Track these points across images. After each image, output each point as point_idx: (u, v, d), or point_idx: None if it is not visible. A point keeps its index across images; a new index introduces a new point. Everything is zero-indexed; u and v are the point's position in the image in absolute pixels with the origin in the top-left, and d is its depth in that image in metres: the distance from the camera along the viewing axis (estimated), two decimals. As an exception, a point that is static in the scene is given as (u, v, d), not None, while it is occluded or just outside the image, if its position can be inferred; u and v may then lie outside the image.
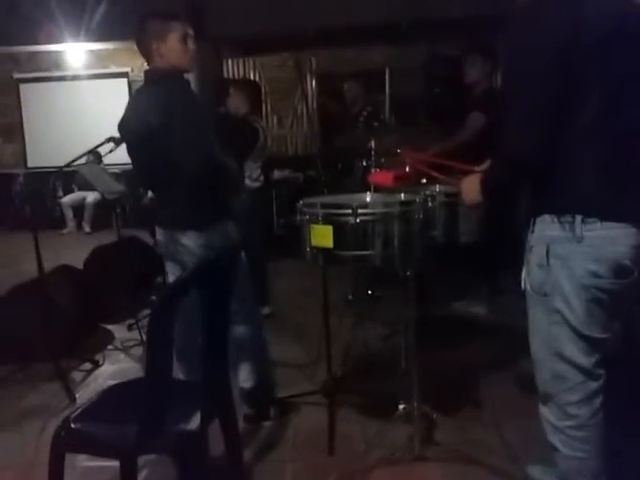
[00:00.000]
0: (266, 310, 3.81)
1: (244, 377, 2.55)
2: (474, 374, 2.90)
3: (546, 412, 1.67)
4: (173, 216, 2.31)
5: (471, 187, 1.75)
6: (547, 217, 1.55)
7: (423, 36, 7.08)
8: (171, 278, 2.48)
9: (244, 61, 8.24)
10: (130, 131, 2.29)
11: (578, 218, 1.48)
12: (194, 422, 1.65)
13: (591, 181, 1.49)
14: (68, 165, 3.18)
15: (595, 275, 1.49)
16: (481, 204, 1.77)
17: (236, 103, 3.82)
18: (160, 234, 2.42)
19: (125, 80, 8.80)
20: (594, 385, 1.59)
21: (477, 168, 1.90)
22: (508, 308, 3.64)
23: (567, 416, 1.61)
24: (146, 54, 2.27)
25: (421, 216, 1.91)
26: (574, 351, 1.56)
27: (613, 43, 1.45)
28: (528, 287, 1.64)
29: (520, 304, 1.84)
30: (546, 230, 1.55)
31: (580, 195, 1.49)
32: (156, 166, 2.25)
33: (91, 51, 8.68)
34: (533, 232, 1.61)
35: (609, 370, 1.63)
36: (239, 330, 2.46)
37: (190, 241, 2.26)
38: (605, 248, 1.48)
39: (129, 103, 2.36)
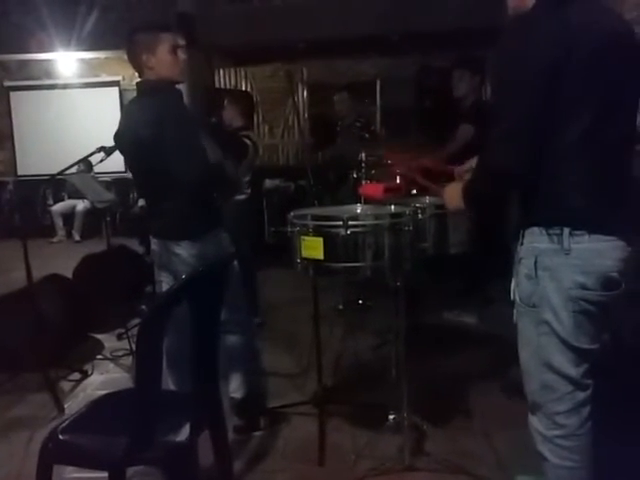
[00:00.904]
0: (257, 320, 3.80)
1: (235, 387, 2.55)
2: (464, 384, 2.91)
3: (535, 422, 1.68)
4: (167, 226, 2.32)
5: (453, 194, 1.78)
6: (536, 229, 1.57)
7: (414, 48, 7.15)
8: (164, 288, 2.47)
9: (236, 71, 8.27)
10: (125, 143, 2.31)
11: (566, 231, 1.49)
12: (183, 433, 1.65)
13: (579, 194, 1.50)
14: (59, 174, 3.17)
15: (583, 287, 1.51)
16: (464, 211, 1.81)
17: (231, 115, 3.81)
18: (154, 244, 2.42)
19: (116, 89, 8.79)
20: (582, 395, 1.60)
21: (457, 168, 1.94)
22: (498, 318, 3.66)
23: (556, 425, 1.62)
24: (137, 66, 2.28)
25: (411, 228, 1.93)
26: (562, 362, 1.57)
27: (601, 59, 1.46)
28: (517, 298, 1.65)
29: (510, 313, 1.86)
30: (535, 242, 1.57)
31: (568, 208, 1.50)
32: (150, 177, 2.27)
33: (82, 60, 8.68)
34: (522, 244, 1.62)
35: (597, 380, 1.64)
36: (231, 340, 2.47)
37: (184, 251, 2.27)
38: (593, 261, 1.50)
39: (123, 115, 2.39)
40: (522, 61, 1.48)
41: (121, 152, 2.42)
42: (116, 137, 2.37)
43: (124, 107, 2.40)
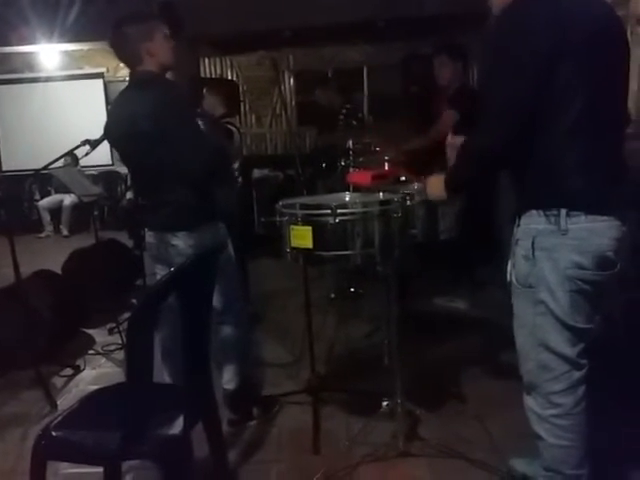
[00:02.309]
0: (248, 310, 3.79)
1: (228, 379, 2.54)
2: (457, 369, 2.93)
3: (530, 402, 1.71)
4: (164, 218, 2.29)
5: (435, 184, 1.82)
6: (533, 212, 1.59)
7: (401, 34, 7.12)
8: None
9: (221, 60, 8.20)
10: (122, 135, 2.24)
11: (563, 212, 1.52)
12: (177, 426, 1.64)
13: (575, 176, 1.53)
14: (44, 168, 3.14)
15: (579, 267, 1.53)
16: (447, 200, 1.86)
17: (211, 104, 3.77)
18: (149, 236, 2.40)
19: (100, 81, 8.68)
20: (578, 374, 1.63)
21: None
22: (489, 302, 3.68)
23: (551, 405, 1.64)
24: (132, 57, 2.22)
25: (400, 214, 1.92)
26: (559, 341, 1.60)
27: (593, 42, 1.49)
28: (513, 279, 1.67)
29: (501, 298, 1.87)
30: (532, 223, 1.59)
31: (565, 190, 1.53)
32: (149, 169, 2.23)
33: (65, 52, 8.56)
34: (519, 226, 1.65)
35: (591, 360, 1.66)
36: (226, 331, 2.46)
37: (180, 242, 2.25)
38: (589, 240, 1.52)
39: (118, 106, 2.32)
40: (514, 45, 1.49)
41: (113, 144, 2.38)
42: (109, 129, 2.32)
43: (117, 98, 2.34)
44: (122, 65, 2.29)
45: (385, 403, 2.34)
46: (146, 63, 2.22)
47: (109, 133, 2.34)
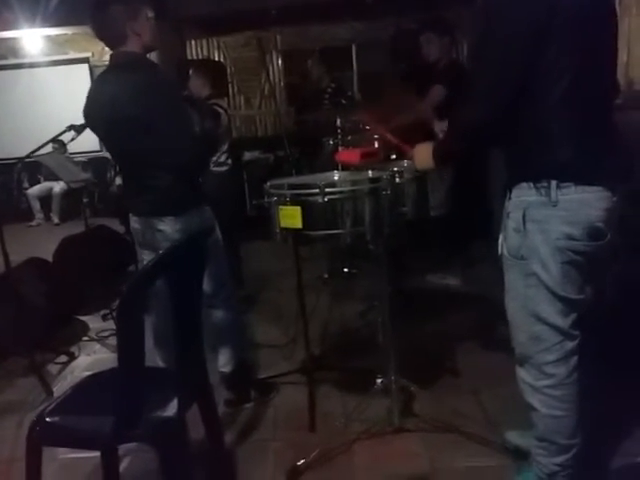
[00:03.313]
0: (242, 292, 3.80)
1: (223, 361, 2.55)
2: (450, 344, 2.95)
3: (523, 373, 1.72)
4: (150, 203, 2.26)
5: (423, 154, 1.82)
6: (524, 184, 1.59)
7: (389, 10, 7.03)
8: None
9: (207, 41, 8.09)
10: (104, 119, 2.19)
11: (553, 183, 1.52)
12: (171, 409, 1.65)
13: (565, 147, 1.53)
14: (29, 155, 3.10)
15: (570, 237, 1.54)
16: (434, 170, 1.87)
17: (197, 85, 3.74)
18: (135, 222, 2.37)
19: (86, 66, 8.56)
20: (570, 345, 1.64)
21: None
22: (481, 278, 3.70)
23: (545, 375, 1.66)
24: (116, 37, 2.16)
25: (389, 192, 1.91)
26: (551, 312, 1.61)
27: (581, 14, 1.48)
28: (505, 252, 1.68)
29: (493, 273, 1.86)
30: (522, 196, 1.60)
31: (554, 161, 1.53)
32: (134, 154, 2.20)
33: (49, 37, 8.42)
34: (510, 199, 1.65)
35: (583, 331, 1.67)
36: (217, 314, 2.46)
37: (167, 227, 2.23)
38: (579, 211, 1.53)
39: (98, 90, 2.25)
40: (503, 18, 1.49)
41: (94, 129, 2.32)
42: (90, 113, 2.26)
43: (98, 80, 2.31)
44: (107, 49, 2.24)
45: (379, 380, 2.35)
46: (130, 43, 2.17)
47: (90, 117, 2.28)
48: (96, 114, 2.23)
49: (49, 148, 3.18)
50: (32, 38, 8.38)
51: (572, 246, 1.54)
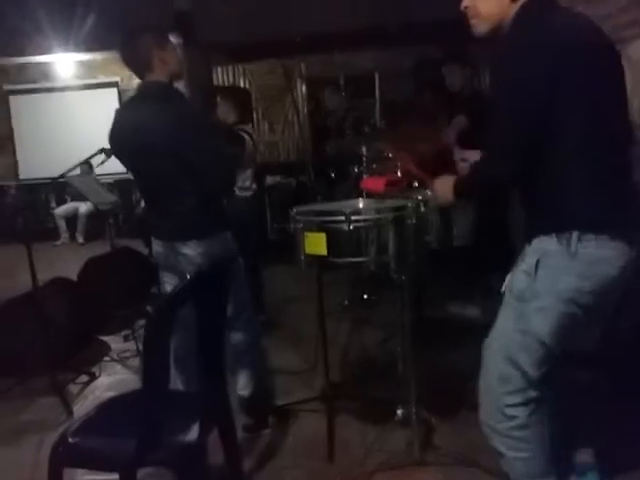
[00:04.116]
0: (262, 317, 3.80)
1: (242, 385, 2.54)
2: (470, 376, 2.89)
3: (486, 417, 1.72)
4: (174, 227, 2.30)
5: (444, 188, 1.82)
6: (545, 236, 1.58)
7: (412, 40, 7.12)
8: (168, 289, 2.47)
9: (233, 68, 8.25)
10: (131, 145, 2.24)
11: (575, 234, 1.51)
12: (193, 433, 1.65)
13: (587, 199, 1.52)
14: (60, 177, 3.17)
15: (578, 290, 1.53)
16: (453, 204, 1.86)
17: (224, 111, 3.81)
18: (158, 245, 2.41)
19: (115, 90, 8.80)
20: (533, 394, 1.64)
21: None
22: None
23: (506, 418, 1.65)
24: (143, 65, 2.24)
25: (414, 221, 1.92)
26: (527, 361, 1.61)
27: (591, 61, 1.50)
28: (508, 290, 1.68)
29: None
30: (542, 243, 1.59)
31: (577, 212, 1.52)
32: (159, 179, 2.25)
33: (80, 62, 8.67)
34: (530, 244, 1.64)
35: (592, 369, 1.67)
36: (237, 338, 2.47)
37: (191, 250, 2.26)
38: (595, 267, 1.52)
39: (126, 117, 2.31)
40: (517, 73, 1.50)
41: (119, 155, 2.38)
42: (117, 140, 2.32)
43: (126, 108, 2.38)
44: (138, 78, 2.30)
45: (399, 411, 2.33)
46: (157, 72, 2.23)
47: (116, 143, 2.34)
48: (123, 141, 2.29)
49: (77, 169, 3.25)
50: (64, 63, 8.65)
51: (578, 299, 1.54)
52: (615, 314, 1.95)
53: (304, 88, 8.15)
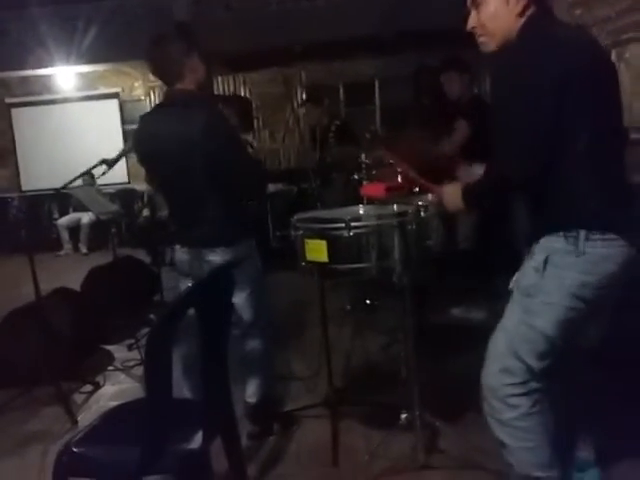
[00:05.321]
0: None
1: (251, 393, 2.54)
2: (475, 380, 2.89)
3: (488, 408, 1.74)
4: (203, 234, 2.31)
5: (453, 195, 1.83)
6: (553, 233, 1.62)
7: (411, 47, 7.15)
8: None
9: (234, 78, 8.30)
10: (164, 154, 2.23)
11: (582, 233, 1.56)
12: (196, 441, 1.65)
13: (594, 199, 1.58)
14: (62, 188, 3.19)
15: (583, 285, 1.58)
16: (463, 212, 1.85)
17: None
18: (183, 253, 2.40)
19: (116, 101, 8.83)
20: (535, 385, 1.67)
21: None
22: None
23: (509, 407, 1.68)
24: (174, 74, 2.23)
25: (414, 226, 1.93)
26: (530, 353, 1.64)
27: (595, 68, 1.57)
28: (515, 286, 1.72)
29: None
30: (550, 242, 1.63)
31: (584, 212, 1.58)
32: (190, 186, 2.25)
33: (81, 73, 8.72)
34: (538, 243, 1.68)
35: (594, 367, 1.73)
36: (252, 344, 2.48)
37: (218, 257, 2.27)
38: (600, 264, 1.57)
39: (155, 125, 2.29)
40: (525, 79, 1.55)
41: (146, 161, 2.37)
42: (146, 146, 2.31)
43: (153, 115, 2.37)
44: (137, 85, 2.33)
45: (403, 415, 2.33)
46: (187, 80, 2.24)
47: (145, 149, 2.33)
48: (152, 147, 2.28)
49: (79, 180, 3.28)
50: (65, 75, 8.70)
51: (583, 293, 1.59)
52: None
53: (304, 96, 8.18)
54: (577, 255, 1.56)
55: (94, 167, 2.95)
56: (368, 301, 4.31)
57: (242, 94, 8.13)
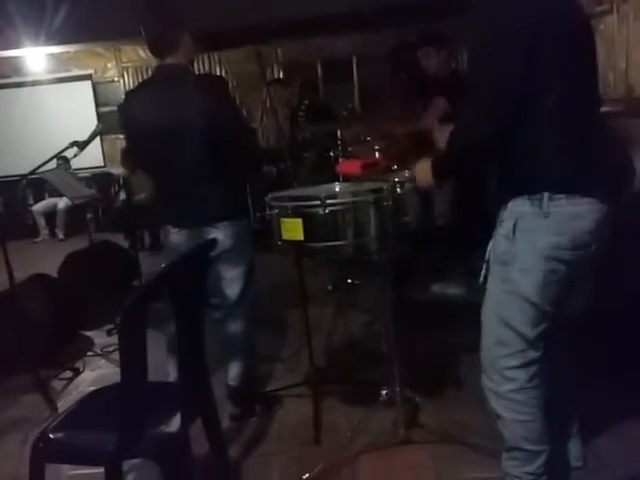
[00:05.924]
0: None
1: (233, 375, 2.53)
2: (455, 355, 2.93)
3: (486, 380, 1.75)
4: (203, 211, 2.27)
5: (423, 171, 1.81)
6: (518, 198, 1.61)
7: (389, 23, 7.09)
8: None
9: (209, 56, 8.16)
10: (158, 127, 2.16)
11: (545, 195, 1.54)
12: (174, 424, 1.64)
13: (557, 161, 1.55)
14: (33, 172, 3.12)
15: (557, 247, 1.56)
16: (435, 187, 1.85)
17: None
18: (176, 233, 2.35)
19: (89, 82, 8.63)
20: (533, 354, 1.67)
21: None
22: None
23: (506, 380, 1.68)
24: (170, 46, 2.18)
25: (390, 203, 1.91)
26: (520, 320, 1.64)
27: (570, 29, 1.54)
28: (491, 256, 1.71)
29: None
30: (516, 207, 1.62)
31: (547, 174, 1.55)
32: (189, 161, 2.20)
33: (52, 55, 8.50)
34: (505, 209, 1.67)
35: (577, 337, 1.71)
36: (234, 327, 2.47)
37: (220, 233, 2.25)
38: (569, 222, 1.55)
39: (151, 101, 2.22)
40: (501, 36, 1.51)
41: (136, 137, 2.30)
42: (137, 122, 2.24)
43: (144, 91, 2.30)
44: (110, 66, 2.28)
45: (384, 392, 2.34)
46: (180, 54, 2.21)
47: (136, 125, 2.26)
48: (145, 123, 2.21)
49: (53, 164, 3.21)
50: (35, 56, 8.47)
51: (558, 255, 1.57)
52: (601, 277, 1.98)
53: (281, 74, 8.08)
54: (544, 216, 1.55)
55: (64, 150, 2.89)
56: (349, 280, 4.31)
57: (218, 73, 8.00)
